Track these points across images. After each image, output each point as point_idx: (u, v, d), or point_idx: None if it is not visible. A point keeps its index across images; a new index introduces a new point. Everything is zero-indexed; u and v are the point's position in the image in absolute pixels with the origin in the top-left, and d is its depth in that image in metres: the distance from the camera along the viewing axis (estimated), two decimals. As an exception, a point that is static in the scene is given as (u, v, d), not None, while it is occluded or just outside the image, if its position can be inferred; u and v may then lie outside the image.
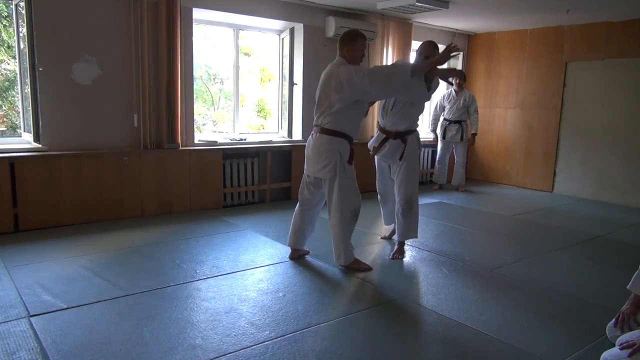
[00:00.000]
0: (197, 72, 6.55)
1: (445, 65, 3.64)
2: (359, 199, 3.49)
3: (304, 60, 6.00)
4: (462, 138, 6.81)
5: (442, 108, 6.84)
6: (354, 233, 3.35)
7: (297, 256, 3.78)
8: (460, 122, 6.77)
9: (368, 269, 3.57)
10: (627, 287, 2.39)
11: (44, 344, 2.39)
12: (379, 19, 6.46)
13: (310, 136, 3.52)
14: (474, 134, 6.85)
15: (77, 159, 4.51)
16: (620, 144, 6.36)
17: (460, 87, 6.70)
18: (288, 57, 6.11)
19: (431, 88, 3.65)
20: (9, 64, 5.63)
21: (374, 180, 4.23)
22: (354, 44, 3.33)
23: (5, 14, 5.50)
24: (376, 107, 6.90)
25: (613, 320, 2.49)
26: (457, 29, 7.45)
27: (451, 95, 6.77)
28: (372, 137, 3.98)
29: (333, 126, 3.35)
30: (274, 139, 6.15)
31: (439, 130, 6.92)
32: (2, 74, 5.78)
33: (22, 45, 4.50)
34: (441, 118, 6.89)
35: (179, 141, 5.08)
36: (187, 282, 3.24)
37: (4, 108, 5.86)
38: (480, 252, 4.15)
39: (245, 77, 7.87)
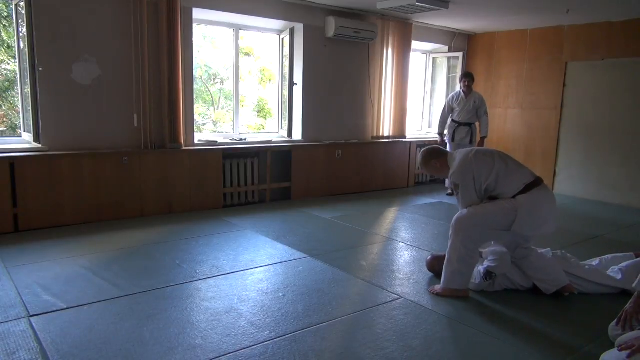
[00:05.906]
0: (197, 72, 6.55)
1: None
2: None
3: (304, 60, 5.99)
4: (471, 141, 6.50)
5: (451, 110, 6.52)
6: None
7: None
8: (470, 125, 6.48)
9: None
10: (632, 285, 2.39)
11: (44, 344, 2.39)
12: (379, 19, 6.46)
13: (545, 190, 3.09)
14: (484, 138, 6.56)
15: (77, 159, 4.51)
16: (621, 143, 6.35)
17: (469, 89, 6.41)
18: (288, 57, 6.10)
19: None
20: (9, 64, 5.63)
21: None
22: None
23: (5, 14, 5.50)
24: (377, 112, 6.89)
25: (615, 320, 2.49)
26: (457, 29, 7.45)
27: (460, 97, 6.43)
28: None
29: None
30: (274, 139, 6.14)
31: (447, 132, 6.61)
32: (2, 74, 5.79)
33: (22, 45, 4.51)
34: (449, 120, 6.57)
35: (181, 141, 5.08)
36: (187, 282, 3.24)
37: (4, 108, 5.87)
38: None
39: (245, 77, 7.88)
